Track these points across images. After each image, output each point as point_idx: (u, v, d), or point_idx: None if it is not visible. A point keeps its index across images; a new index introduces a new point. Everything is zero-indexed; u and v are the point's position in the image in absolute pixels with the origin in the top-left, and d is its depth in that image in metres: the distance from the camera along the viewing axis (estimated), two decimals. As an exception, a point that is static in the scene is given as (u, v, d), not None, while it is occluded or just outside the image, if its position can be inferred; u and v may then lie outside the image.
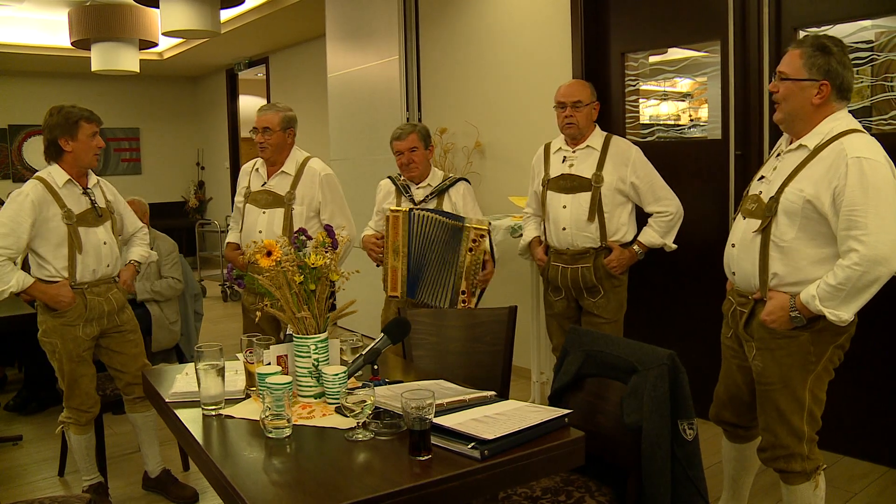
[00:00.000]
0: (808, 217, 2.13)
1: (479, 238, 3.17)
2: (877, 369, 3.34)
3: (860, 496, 3.11)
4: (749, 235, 2.28)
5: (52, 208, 2.93)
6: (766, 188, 2.27)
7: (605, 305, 3.25)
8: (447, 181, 3.42)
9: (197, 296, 4.70)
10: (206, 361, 2.01)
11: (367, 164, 6.10)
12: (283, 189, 3.44)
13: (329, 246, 2.11)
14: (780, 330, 2.22)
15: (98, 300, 3.04)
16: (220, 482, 1.64)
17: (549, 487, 2.15)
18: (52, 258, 2.95)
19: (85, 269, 3.00)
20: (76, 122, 2.96)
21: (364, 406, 1.78)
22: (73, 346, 3.01)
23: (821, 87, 2.15)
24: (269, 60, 9.29)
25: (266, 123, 3.38)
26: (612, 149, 3.22)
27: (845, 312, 2.08)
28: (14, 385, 4.88)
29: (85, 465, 3.20)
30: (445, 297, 3.20)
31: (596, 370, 2.22)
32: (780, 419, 2.29)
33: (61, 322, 2.98)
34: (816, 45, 2.15)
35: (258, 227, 3.40)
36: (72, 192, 3.00)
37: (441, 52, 5.44)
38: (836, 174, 2.06)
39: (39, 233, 2.92)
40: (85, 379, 3.08)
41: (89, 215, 3.02)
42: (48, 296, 2.94)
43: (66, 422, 3.13)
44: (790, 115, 2.21)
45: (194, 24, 5.32)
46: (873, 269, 2.00)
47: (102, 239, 3.05)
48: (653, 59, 4.25)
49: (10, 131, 10.29)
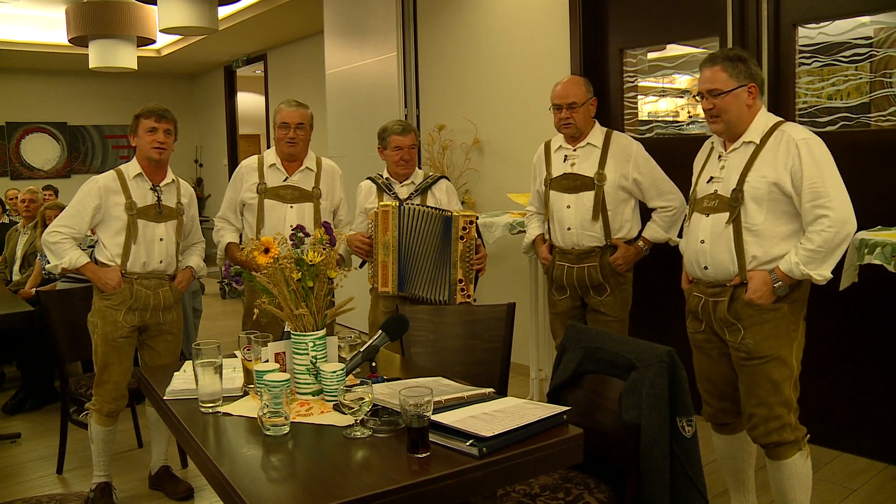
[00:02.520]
0: (774, 199, 2.39)
1: (468, 224, 3.16)
2: (874, 366, 3.35)
3: (859, 492, 3.11)
4: (719, 228, 2.48)
5: (117, 197, 3.06)
6: (722, 185, 2.50)
7: (611, 303, 3.24)
8: (429, 179, 3.43)
9: (196, 292, 4.70)
10: (204, 359, 2.01)
11: (366, 161, 6.08)
12: (308, 185, 3.47)
13: (327, 243, 2.11)
14: (766, 305, 2.42)
15: (145, 292, 3.10)
16: (217, 480, 1.64)
17: (547, 484, 2.15)
18: (110, 244, 3.07)
19: (136, 259, 3.08)
20: (136, 119, 3.11)
21: (362, 403, 1.78)
22: (112, 328, 3.07)
23: (749, 89, 2.45)
24: (268, 57, 9.28)
25: (302, 119, 3.42)
26: (613, 145, 3.21)
27: (826, 270, 2.34)
28: (12, 383, 4.88)
29: (98, 460, 3.18)
30: (444, 291, 3.20)
31: (594, 367, 2.22)
32: (774, 390, 2.44)
33: (106, 304, 3.07)
34: (730, 57, 2.46)
35: (288, 222, 3.37)
36: (140, 185, 3.10)
37: (439, 49, 5.43)
38: (789, 156, 2.35)
39: (104, 218, 3.08)
40: (115, 367, 3.10)
41: (151, 210, 3.11)
42: (97, 277, 3.04)
43: (91, 408, 3.16)
44: (730, 122, 2.47)
45: (192, 21, 5.31)
46: (843, 229, 2.30)
47: (160, 235, 3.12)
48: (651, 56, 4.24)
49: (8, 129, 10.28)
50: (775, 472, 2.50)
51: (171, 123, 3.12)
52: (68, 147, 10.79)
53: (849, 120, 3.41)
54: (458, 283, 3.18)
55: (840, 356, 3.45)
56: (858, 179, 3.19)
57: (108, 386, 3.11)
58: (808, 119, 3.52)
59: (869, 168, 3.30)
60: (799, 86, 3.53)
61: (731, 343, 2.50)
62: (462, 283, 3.18)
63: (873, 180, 3.28)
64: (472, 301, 3.22)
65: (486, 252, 3.30)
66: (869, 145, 3.34)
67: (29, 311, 3.94)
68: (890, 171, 3.26)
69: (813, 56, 3.49)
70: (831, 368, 3.47)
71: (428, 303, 3.21)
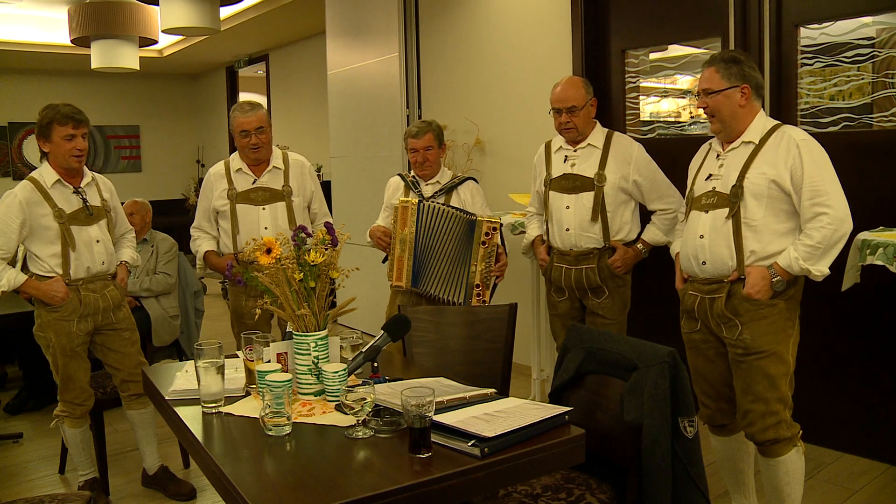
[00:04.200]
0: (773, 196, 2.44)
1: (492, 231, 3.18)
2: (876, 367, 3.34)
3: (860, 493, 3.11)
4: (719, 224, 2.52)
5: (42, 208, 2.95)
6: (720, 183, 2.54)
7: (609, 305, 3.23)
8: (455, 179, 3.45)
9: (198, 293, 4.70)
10: (206, 359, 2.01)
11: (367, 162, 6.10)
12: (277, 184, 3.46)
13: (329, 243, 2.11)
14: (763, 300, 2.45)
15: (93, 296, 3.06)
16: (219, 480, 1.64)
17: (549, 485, 2.15)
18: (46, 256, 2.98)
19: (79, 266, 3.02)
20: (48, 125, 2.95)
21: (364, 404, 1.78)
22: (67, 340, 3.03)
23: (742, 90, 2.49)
24: (269, 58, 9.29)
25: (260, 122, 3.37)
26: (613, 147, 3.20)
27: (824, 266, 2.39)
28: (14, 382, 4.88)
29: (80, 460, 3.21)
30: (460, 293, 3.21)
31: (596, 367, 2.22)
32: (771, 386, 2.47)
33: (56, 317, 3.01)
34: (726, 58, 2.52)
35: (262, 224, 3.40)
36: (62, 191, 3.01)
37: (441, 49, 5.43)
38: (789, 155, 2.41)
39: (32, 231, 2.96)
40: (78, 373, 3.09)
41: (80, 214, 3.03)
42: (41, 292, 2.97)
43: (61, 415, 3.15)
44: (725, 122, 2.53)
45: (194, 22, 5.31)
46: (841, 227, 2.36)
47: (95, 237, 3.07)
48: (653, 56, 4.24)
49: (10, 129, 10.29)
50: (771, 469, 2.52)
51: (87, 126, 3.01)
52: (70, 147, 10.78)
53: (851, 120, 3.41)
54: (474, 288, 3.20)
55: (842, 357, 3.45)
56: (860, 180, 3.20)
57: (74, 392, 3.10)
58: (810, 120, 3.51)
59: (871, 169, 3.29)
60: (801, 86, 3.53)
61: (728, 339, 2.53)
62: (479, 288, 3.21)
63: (875, 181, 3.27)
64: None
65: (507, 261, 3.32)
66: (871, 146, 3.34)
67: (31, 311, 3.94)
68: (892, 172, 3.26)
69: (815, 56, 3.49)
70: (833, 369, 3.46)
71: (442, 303, 3.23)
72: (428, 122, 3.44)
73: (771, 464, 2.52)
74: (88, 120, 3.05)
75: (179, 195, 11.36)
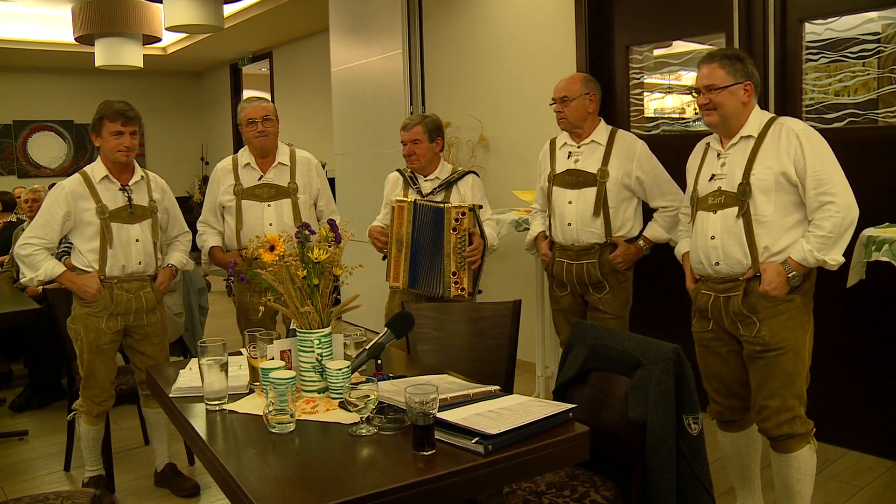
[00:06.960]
0: (781, 189, 2.44)
1: (461, 216, 3.15)
2: (882, 364, 3.33)
3: (866, 490, 3.10)
4: (730, 223, 2.51)
5: (86, 202, 3.00)
6: (725, 181, 2.53)
7: (610, 301, 3.23)
8: (455, 174, 3.42)
9: (202, 290, 4.70)
10: (210, 356, 2.01)
11: (371, 159, 6.09)
12: (283, 180, 3.46)
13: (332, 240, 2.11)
14: (781, 296, 2.44)
15: (126, 296, 3.07)
16: (223, 477, 1.64)
17: (553, 482, 2.14)
18: (85, 250, 3.02)
19: (114, 264, 3.03)
20: (100, 120, 3.01)
21: (368, 401, 1.78)
22: (95, 336, 3.04)
23: (746, 86, 2.50)
24: (273, 55, 9.29)
25: (266, 112, 3.41)
26: (617, 143, 3.20)
27: (837, 254, 2.39)
28: (19, 380, 4.90)
29: (89, 457, 3.22)
30: (441, 284, 3.19)
31: (601, 365, 2.22)
32: (788, 382, 2.46)
33: (86, 312, 3.03)
34: (729, 55, 2.53)
35: (267, 221, 3.40)
36: (108, 187, 3.04)
37: (445, 46, 5.42)
38: (791, 146, 2.41)
39: (76, 224, 3.01)
40: (101, 372, 3.10)
41: (123, 212, 3.05)
42: (75, 285, 3.00)
43: (79, 409, 3.16)
44: (725, 117, 2.52)
45: (198, 19, 5.32)
46: (849, 213, 2.37)
47: (135, 236, 3.07)
48: (657, 53, 4.23)
49: (15, 127, 10.31)
50: (782, 465, 2.51)
51: (137, 124, 3.04)
52: (75, 145, 10.82)
53: (856, 116, 3.39)
54: (451, 276, 3.17)
55: (847, 353, 3.44)
56: (865, 176, 3.18)
57: (95, 390, 3.11)
58: (815, 115, 3.50)
59: (876, 164, 3.28)
60: (806, 82, 3.52)
61: (746, 337, 2.51)
62: (455, 276, 3.17)
63: (881, 177, 3.26)
64: (466, 294, 3.19)
65: (481, 242, 3.22)
66: (876, 142, 3.32)
67: (36, 308, 3.95)
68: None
69: (820, 52, 3.47)
70: (838, 366, 3.45)
71: (428, 298, 3.22)
72: (423, 115, 3.42)
73: (783, 460, 2.51)
74: (140, 117, 3.09)
75: (184, 192, 11.37)
